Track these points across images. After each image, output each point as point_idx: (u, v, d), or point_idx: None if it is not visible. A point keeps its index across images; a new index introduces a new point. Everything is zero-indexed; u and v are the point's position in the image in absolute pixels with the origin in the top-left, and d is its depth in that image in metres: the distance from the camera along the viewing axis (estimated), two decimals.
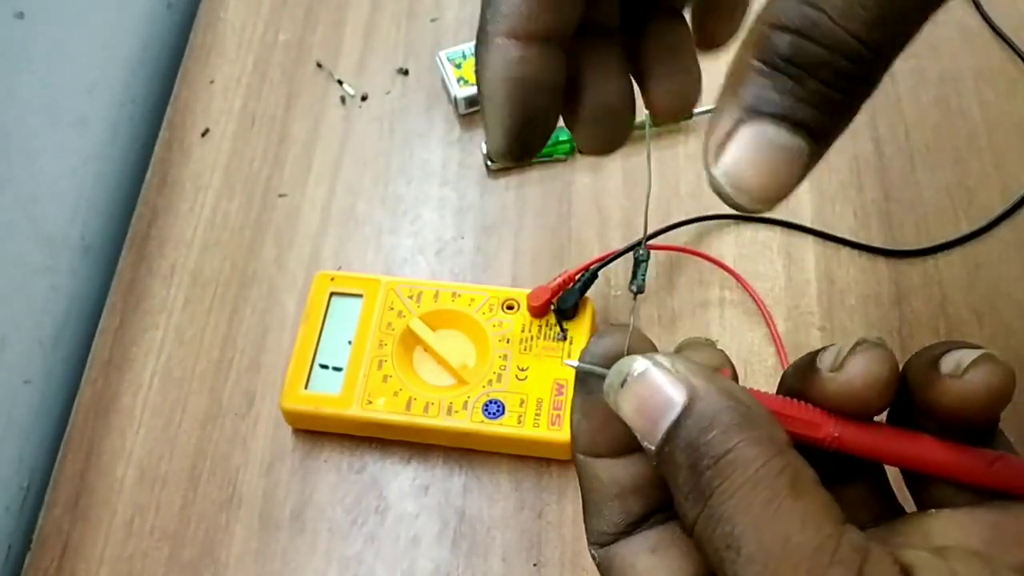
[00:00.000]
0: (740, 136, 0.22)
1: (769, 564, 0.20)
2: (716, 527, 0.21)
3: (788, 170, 0.23)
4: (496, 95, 0.26)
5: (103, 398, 0.51)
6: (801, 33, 0.21)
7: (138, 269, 0.55)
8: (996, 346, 0.50)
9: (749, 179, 0.23)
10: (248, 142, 0.60)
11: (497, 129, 0.27)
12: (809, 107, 0.22)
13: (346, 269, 0.54)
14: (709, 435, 0.22)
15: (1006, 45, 0.61)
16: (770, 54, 0.22)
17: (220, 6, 0.66)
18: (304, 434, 0.49)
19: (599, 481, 0.26)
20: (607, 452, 0.26)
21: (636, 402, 0.23)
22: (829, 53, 0.21)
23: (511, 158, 0.28)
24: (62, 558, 0.47)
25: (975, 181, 0.56)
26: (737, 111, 0.22)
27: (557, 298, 0.49)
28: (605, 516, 0.26)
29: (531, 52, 0.26)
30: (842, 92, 0.22)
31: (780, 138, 0.22)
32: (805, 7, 0.21)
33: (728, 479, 0.21)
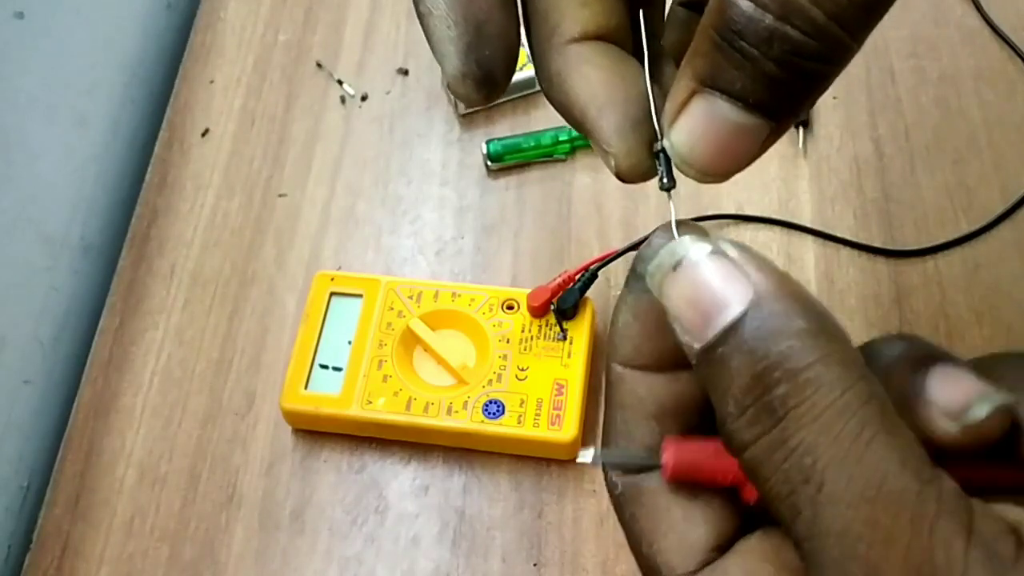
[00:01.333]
0: (693, 108, 0.21)
1: (862, 507, 0.17)
2: (790, 456, 0.18)
3: (741, 147, 0.21)
4: (435, 5, 0.23)
5: (103, 398, 0.51)
6: (758, 2, 0.19)
7: (138, 269, 0.55)
8: (996, 346, 0.50)
9: (699, 153, 0.21)
10: (248, 142, 0.60)
11: (447, 47, 0.24)
12: (764, 87, 0.20)
13: (346, 269, 0.54)
14: (783, 343, 0.19)
15: (1006, 45, 0.61)
16: (725, 26, 0.20)
17: (220, 6, 0.66)
18: (304, 434, 0.49)
19: (635, 397, 0.23)
20: (652, 364, 0.23)
21: (689, 291, 0.20)
22: (787, 27, 0.19)
23: (471, 83, 0.24)
24: (62, 558, 0.47)
25: (975, 181, 0.56)
26: (692, 81, 0.21)
27: (557, 298, 0.49)
28: (636, 438, 0.23)
29: None
30: (801, 72, 0.20)
31: (733, 115, 0.21)
32: None
33: (808, 400, 0.18)
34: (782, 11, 0.19)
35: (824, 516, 0.18)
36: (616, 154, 0.24)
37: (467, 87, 0.24)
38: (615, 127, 0.24)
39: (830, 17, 0.19)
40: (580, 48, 0.24)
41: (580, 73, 0.24)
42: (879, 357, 0.22)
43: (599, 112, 0.24)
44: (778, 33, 0.19)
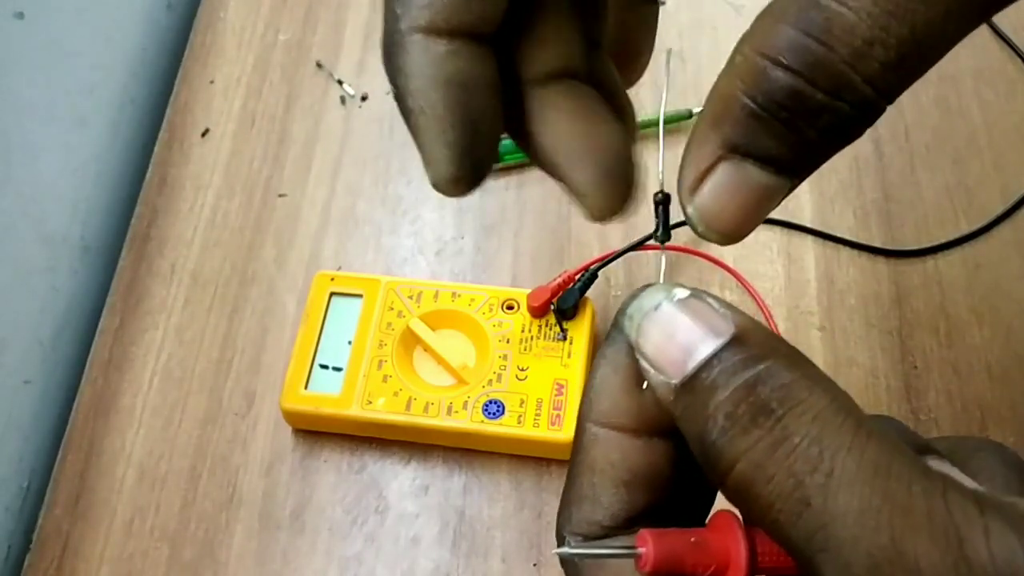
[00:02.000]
0: (719, 174, 0.21)
1: (876, 483, 0.18)
2: (795, 449, 0.18)
3: (764, 207, 0.21)
4: (431, 104, 0.22)
5: (103, 398, 0.51)
6: (803, 75, 0.19)
7: (138, 269, 0.55)
8: (996, 346, 0.51)
9: (724, 217, 0.21)
10: (248, 142, 0.60)
11: (440, 150, 0.22)
12: (800, 152, 0.20)
13: (346, 269, 0.54)
14: (769, 361, 0.19)
15: (1006, 45, 0.61)
16: (765, 95, 0.19)
17: (220, 6, 0.66)
18: (304, 434, 0.49)
19: (608, 461, 0.23)
20: (628, 424, 0.23)
21: (671, 326, 0.20)
22: (833, 100, 0.19)
23: (462, 184, 0.23)
24: (62, 558, 0.47)
25: (975, 181, 0.56)
26: (719, 147, 0.20)
27: (557, 298, 0.49)
28: (604, 505, 0.23)
29: (460, 45, 0.22)
30: (839, 137, 0.20)
31: (761, 179, 0.20)
32: (809, 41, 0.19)
33: (806, 402, 0.19)
34: (834, 87, 0.19)
35: (839, 498, 0.18)
36: (591, 204, 0.24)
37: (458, 189, 0.23)
38: (589, 179, 0.23)
39: (879, 93, 0.19)
40: (544, 93, 0.24)
41: (547, 122, 0.24)
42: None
43: (570, 164, 0.24)
44: (829, 108, 0.19)
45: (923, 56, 0.19)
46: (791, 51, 0.19)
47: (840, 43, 0.18)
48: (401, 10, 0.22)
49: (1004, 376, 0.49)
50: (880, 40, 0.18)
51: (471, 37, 0.22)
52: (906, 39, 0.18)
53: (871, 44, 0.18)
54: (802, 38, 0.19)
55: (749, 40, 0.20)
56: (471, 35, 0.22)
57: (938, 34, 0.19)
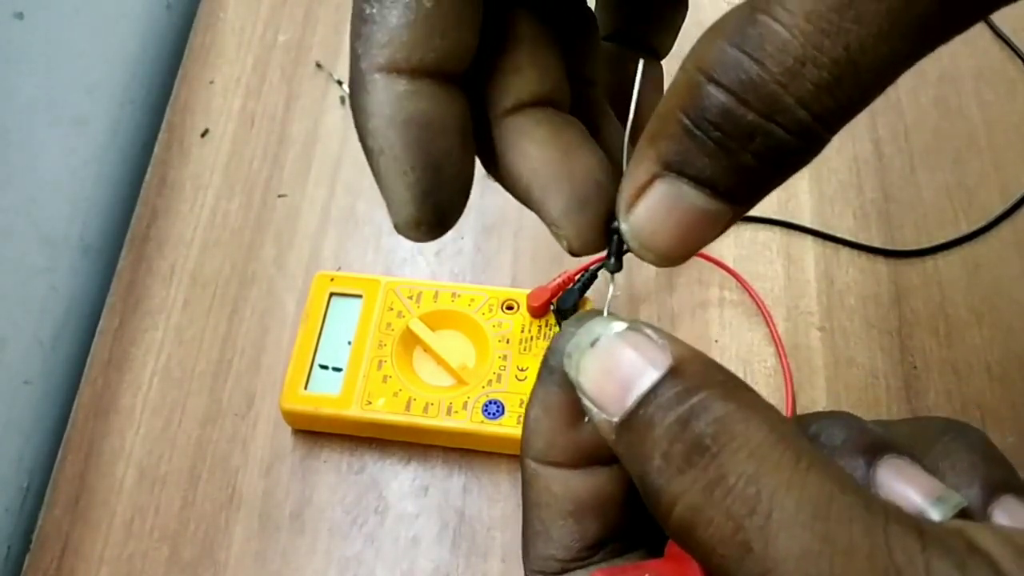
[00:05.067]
0: (655, 192, 0.20)
1: (816, 525, 0.17)
2: (730, 491, 0.18)
3: (702, 232, 0.20)
4: (390, 145, 0.21)
5: (103, 398, 0.51)
6: (735, 93, 0.18)
7: (138, 269, 0.55)
8: (996, 346, 0.51)
9: (658, 239, 0.20)
10: (248, 142, 0.60)
11: (401, 192, 0.21)
12: (736, 176, 0.19)
13: (346, 269, 0.54)
14: (703, 393, 0.19)
15: (1006, 45, 0.61)
16: (698, 113, 0.19)
17: (220, 6, 0.66)
18: (304, 434, 0.49)
19: (551, 495, 0.22)
20: (566, 460, 0.22)
21: (608, 363, 0.20)
22: (767, 123, 0.18)
23: (425, 230, 0.22)
24: (62, 558, 0.47)
25: (975, 181, 0.56)
26: (655, 164, 0.20)
27: (557, 298, 0.49)
28: (555, 538, 0.22)
29: (422, 85, 0.21)
30: (779, 166, 0.19)
31: (698, 201, 0.20)
32: (743, 58, 0.18)
33: (742, 436, 0.18)
34: (767, 108, 0.18)
35: (778, 542, 0.17)
36: (566, 236, 0.23)
37: (419, 233, 0.22)
38: (562, 209, 0.22)
39: (815, 118, 0.18)
40: (517, 120, 0.23)
41: (519, 150, 0.23)
42: (819, 445, 0.21)
43: (543, 193, 0.23)
44: (761, 130, 0.18)
45: (860, 80, 0.18)
46: (724, 68, 0.18)
47: (773, 61, 0.18)
48: (362, 49, 0.21)
49: (1004, 376, 0.49)
50: (813, 59, 0.17)
51: (435, 76, 0.21)
52: (840, 60, 0.17)
53: (803, 63, 0.17)
54: (736, 54, 0.18)
55: (691, 55, 0.19)
56: (435, 74, 0.21)
57: (873, 57, 0.18)
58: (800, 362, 0.50)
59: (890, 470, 0.21)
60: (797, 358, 0.50)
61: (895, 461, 0.21)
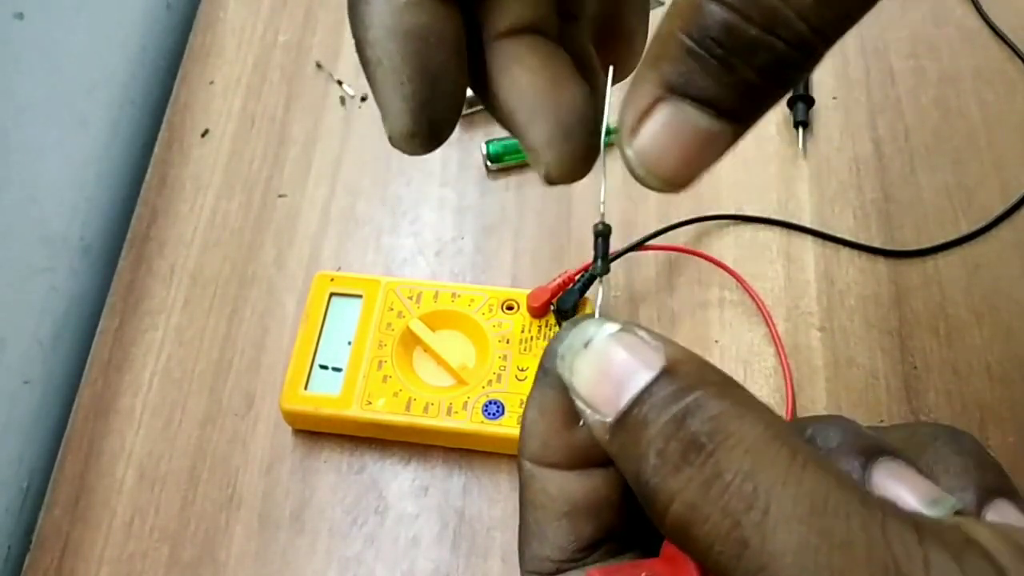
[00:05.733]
0: (658, 115, 0.20)
1: (813, 520, 0.17)
2: (728, 486, 0.18)
3: (706, 153, 0.20)
4: (388, 55, 0.21)
5: (103, 398, 0.51)
6: (737, 9, 0.18)
7: (138, 269, 0.55)
8: (996, 346, 0.51)
9: (664, 162, 0.20)
10: (248, 142, 0.60)
11: (397, 103, 0.22)
12: (739, 94, 0.19)
13: (346, 269, 0.54)
14: (698, 392, 0.19)
15: (1006, 45, 0.61)
16: (700, 31, 0.19)
17: (220, 6, 0.66)
18: (304, 434, 0.49)
19: (547, 496, 0.22)
20: (561, 461, 0.22)
21: (602, 364, 0.20)
22: (768, 36, 0.19)
23: (418, 141, 0.22)
24: (62, 558, 0.47)
25: (975, 181, 0.56)
26: (658, 87, 0.20)
27: (557, 298, 0.49)
28: (550, 539, 0.22)
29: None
30: (776, 79, 0.19)
31: (702, 122, 0.20)
32: None
33: (736, 433, 0.18)
34: (767, 22, 0.18)
35: (776, 537, 0.17)
36: (547, 163, 0.23)
37: (413, 145, 0.23)
38: (546, 137, 0.23)
39: (813, 29, 0.19)
40: (508, 45, 0.23)
41: (509, 74, 0.23)
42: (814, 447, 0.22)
43: (529, 119, 0.23)
44: (764, 43, 0.19)
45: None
46: None
47: None
48: None
49: (1004, 376, 0.49)
50: None
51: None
52: None
53: None
54: None
55: None
56: None
57: None
58: (800, 362, 0.50)
59: (885, 472, 0.21)
60: (797, 358, 0.50)
61: (890, 463, 0.21)
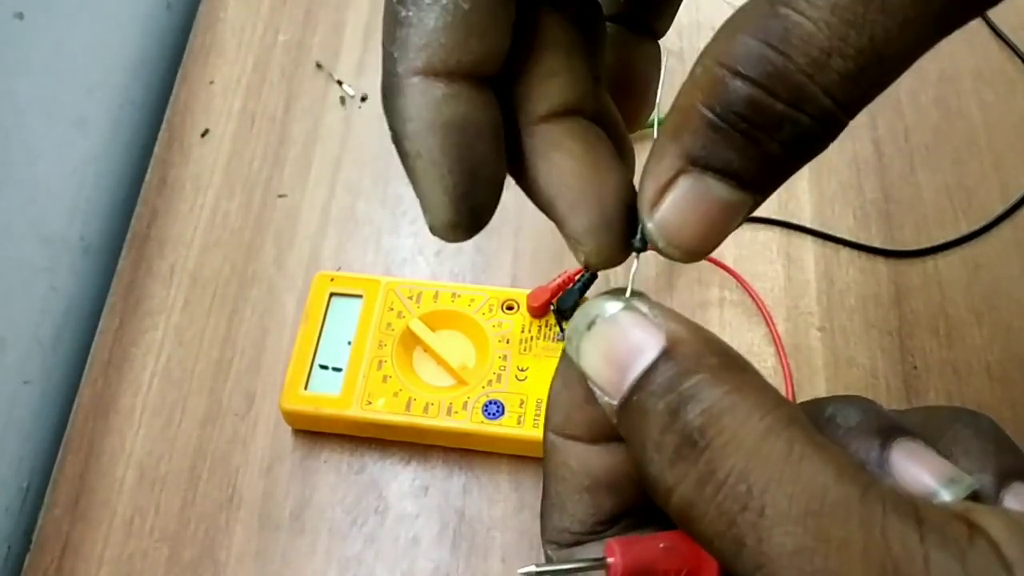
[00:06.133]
0: (680, 188, 0.20)
1: (809, 521, 0.17)
2: (721, 487, 0.18)
3: (727, 224, 0.20)
4: (428, 149, 0.21)
5: (103, 398, 0.51)
6: (762, 85, 0.18)
7: (138, 269, 0.55)
8: (996, 346, 0.51)
9: (686, 233, 0.20)
10: (248, 142, 0.60)
11: (439, 195, 0.21)
12: (762, 166, 0.19)
13: (346, 269, 0.54)
14: (694, 378, 0.19)
15: (1006, 45, 0.61)
16: (724, 105, 0.19)
17: (220, 6, 0.66)
18: (304, 434, 0.49)
19: (568, 469, 0.23)
20: (583, 434, 0.22)
21: (604, 346, 0.20)
22: (793, 111, 0.18)
23: (462, 232, 0.22)
24: (62, 558, 0.47)
25: (975, 181, 0.56)
26: (679, 160, 0.20)
27: (557, 298, 0.49)
28: (570, 512, 0.23)
29: (460, 88, 0.21)
30: (800, 152, 0.19)
31: (724, 193, 0.20)
32: (768, 51, 0.18)
33: (729, 428, 0.18)
34: (793, 98, 0.18)
35: (772, 539, 0.17)
36: (588, 252, 0.23)
37: (456, 235, 0.22)
38: (587, 227, 0.23)
39: (839, 105, 0.19)
40: (548, 130, 0.23)
41: (549, 161, 0.23)
42: (834, 425, 0.22)
43: (570, 209, 0.23)
44: (789, 119, 0.19)
45: (883, 68, 0.18)
46: (749, 61, 0.18)
47: (798, 53, 0.18)
48: (399, 53, 0.21)
49: (1004, 376, 0.49)
50: (838, 50, 0.18)
51: (471, 79, 0.21)
52: (865, 50, 0.18)
53: (829, 54, 0.18)
54: (761, 47, 0.18)
55: (710, 51, 0.19)
56: (471, 76, 0.21)
57: (898, 45, 0.18)
58: (800, 362, 0.50)
59: (903, 452, 0.21)
60: (797, 358, 0.50)
61: (909, 444, 0.21)
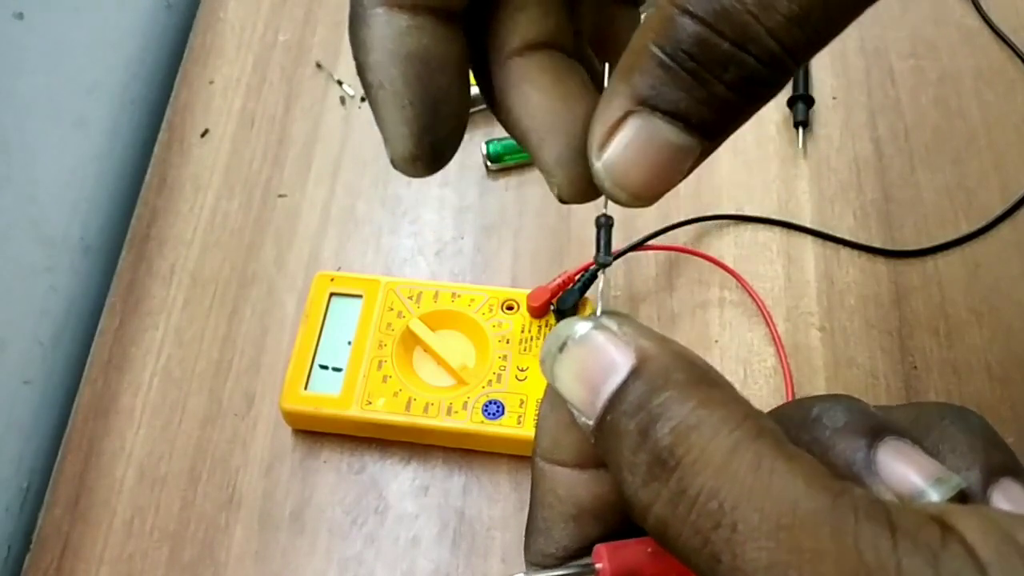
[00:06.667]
0: (628, 129, 0.20)
1: (781, 536, 0.17)
2: (693, 505, 0.18)
3: (675, 168, 0.20)
4: (391, 80, 0.21)
5: (103, 398, 0.51)
6: (709, 24, 0.18)
7: (138, 269, 0.55)
8: (996, 346, 0.51)
9: (633, 176, 0.20)
10: (248, 143, 0.60)
11: (399, 127, 0.22)
12: (710, 108, 0.19)
13: (346, 269, 0.54)
14: (662, 396, 0.19)
15: (1006, 45, 0.61)
16: (672, 44, 0.19)
17: (220, 6, 0.66)
18: (304, 435, 0.49)
19: (556, 496, 0.22)
20: (570, 459, 0.22)
21: (576, 367, 0.20)
22: (739, 52, 0.18)
23: (421, 165, 0.22)
24: (62, 558, 0.47)
25: (975, 181, 0.56)
26: (628, 100, 0.20)
27: (557, 298, 0.49)
28: (556, 539, 0.22)
29: (424, 21, 0.21)
30: (749, 96, 0.19)
31: (672, 136, 0.20)
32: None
33: (697, 446, 0.18)
34: (739, 38, 0.18)
35: (746, 556, 0.17)
36: (558, 183, 0.23)
37: (416, 168, 0.22)
38: (556, 157, 0.23)
39: (785, 48, 0.19)
40: (521, 63, 0.23)
41: (521, 93, 0.23)
42: (821, 426, 0.21)
43: (540, 139, 0.23)
44: (735, 59, 0.19)
45: (828, 13, 0.19)
46: (700, 1, 0.18)
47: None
48: None
49: (1004, 376, 0.49)
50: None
51: (436, 12, 0.21)
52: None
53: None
54: None
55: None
56: (436, 10, 0.21)
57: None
58: (800, 362, 0.50)
59: (890, 452, 0.21)
60: (797, 358, 0.50)
61: (896, 443, 0.21)
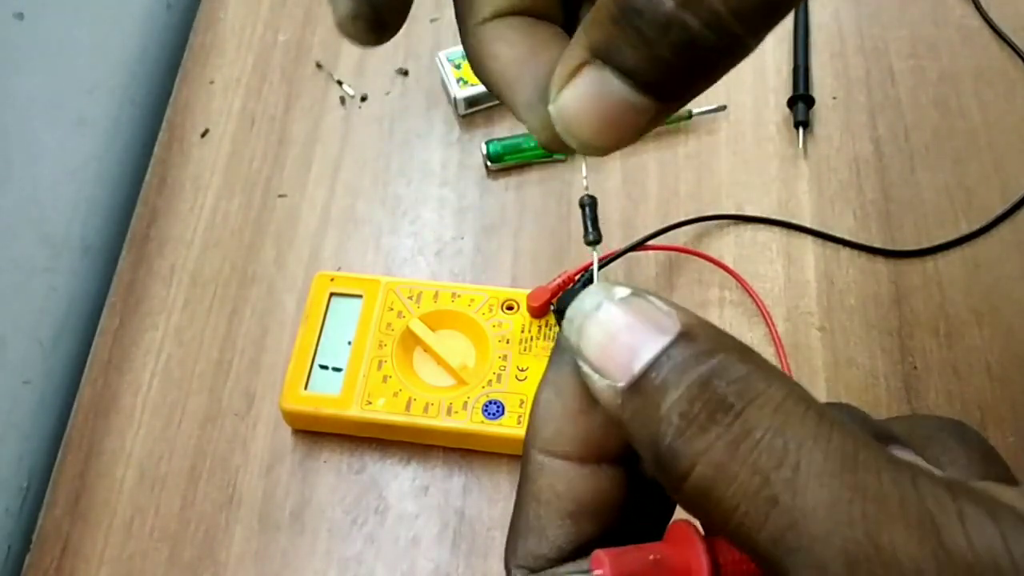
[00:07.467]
0: (583, 78, 0.20)
1: (845, 475, 0.17)
2: (758, 444, 0.17)
3: (626, 124, 0.20)
4: None
5: (103, 398, 0.51)
6: None
7: (138, 269, 0.55)
8: (996, 346, 0.51)
9: (581, 125, 0.20)
10: (248, 142, 0.60)
11: None
12: (657, 69, 0.19)
13: (346, 269, 0.54)
14: (719, 356, 0.18)
15: (1006, 45, 0.61)
16: (626, 2, 0.19)
17: (220, 6, 0.66)
18: (304, 435, 0.49)
19: (554, 492, 0.22)
20: (574, 452, 0.22)
21: (612, 328, 0.20)
22: (687, 16, 0.18)
23: (362, 24, 0.23)
24: (62, 558, 0.47)
25: (975, 181, 0.56)
26: (585, 51, 0.20)
27: (557, 298, 0.49)
28: (550, 538, 0.22)
29: None
30: (695, 61, 0.19)
31: (622, 92, 0.20)
32: None
33: (764, 393, 0.18)
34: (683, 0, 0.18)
35: (807, 493, 0.17)
36: (534, 128, 0.23)
37: (357, 28, 0.23)
38: (525, 101, 0.23)
39: (731, 12, 0.18)
40: (493, 26, 0.24)
41: (491, 52, 0.24)
42: None
43: (510, 89, 0.23)
44: (676, 20, 0.18)
45: None
46: None
47: None
48: None
49: (1004, 376, 0.49)
50: None
51: None
52: None
53: None
54: None
55: None
56: None
57: None
58: (800, 362, 0.50)
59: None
60: (797, 358, 0.50)
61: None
